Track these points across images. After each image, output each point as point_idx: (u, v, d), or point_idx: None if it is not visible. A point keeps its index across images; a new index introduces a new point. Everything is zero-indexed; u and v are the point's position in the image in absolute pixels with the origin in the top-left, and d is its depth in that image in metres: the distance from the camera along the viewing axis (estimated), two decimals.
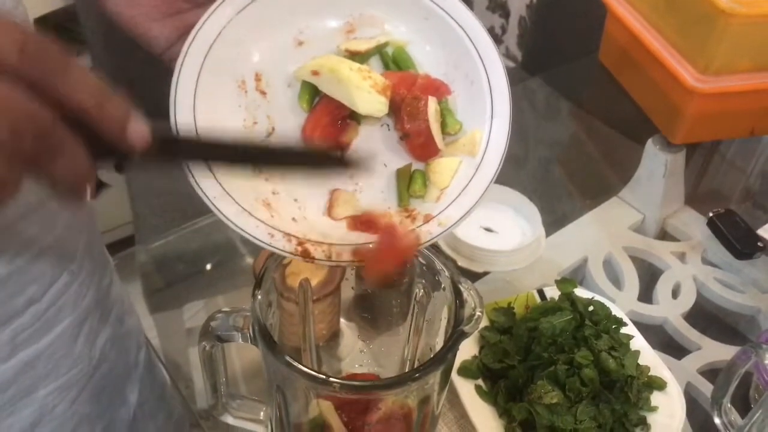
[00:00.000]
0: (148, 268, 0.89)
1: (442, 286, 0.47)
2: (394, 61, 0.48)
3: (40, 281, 0.48)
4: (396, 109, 0.46)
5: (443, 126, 0.46)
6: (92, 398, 0.55)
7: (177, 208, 1.14)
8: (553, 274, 0.79)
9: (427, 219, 0.43)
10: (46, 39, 0.30)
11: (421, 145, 0.45)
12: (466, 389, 0.62)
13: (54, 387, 0.51)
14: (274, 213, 0.42)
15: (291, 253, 0.41)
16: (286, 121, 0.46)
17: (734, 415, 0.59)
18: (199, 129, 0.42)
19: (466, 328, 0.42)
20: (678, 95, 0.81)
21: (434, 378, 0.43)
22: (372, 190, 0.46)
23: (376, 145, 0.47)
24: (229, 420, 0.50)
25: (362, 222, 0.43)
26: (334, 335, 0.63)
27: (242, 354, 0.69)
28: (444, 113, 0.46)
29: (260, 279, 0.45)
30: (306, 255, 0.41)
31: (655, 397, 0.62)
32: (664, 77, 0.82)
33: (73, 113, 0.30)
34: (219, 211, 0.41)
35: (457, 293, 0.44)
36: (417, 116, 0.45)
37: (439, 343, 0.49)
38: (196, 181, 0.41)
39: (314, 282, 0.58)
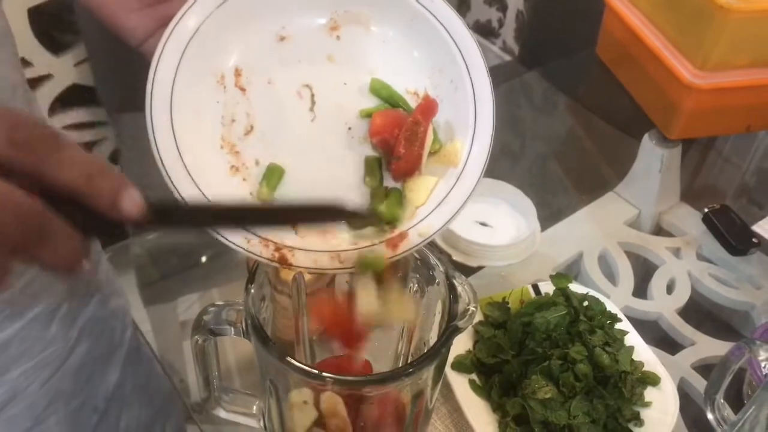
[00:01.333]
0: (142, 260, 0.89)
1: (437, 281, 0.47)
2: (377, 93, 0.47)
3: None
4: (387, 149, 0.46)
5: None
6: (68, 377, 0.55)
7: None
8: (548, 268, 0.79)
9: (402, 236, 0.43)
10: (34, 122, 0.30)
11: (406, 169, 0.45)
12: (460, 384, 0.62)
13: (27, 367, 0.51)
14: None
15: (268, 259, 0.40)
16: (265, 119, 0.45)
17: (727, 411, 0.60)
18: (175, 128, 0.42)
19: (460, 323, 0.42)
20: (675, 91, 0.81)
21: (428, 372, 0.43)
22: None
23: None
24: (222, 414, 0.50)
25: None
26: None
27: (236, 348, 0.68)
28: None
29: (253, 273, 0.44)
30: (283, 261, 0.40)
31: (649, 393, 0.62)
32: (661, 72, 0.82)
33: (63, 191, 0.31)
34: None
35: (451, 288, 0.44)
36: (414, 142, 0.44)
37: (432, 337, 0.49)
38: (173, 185, 0.40)
39: (308, 276, 0.58)
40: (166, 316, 1.12)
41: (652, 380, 0.63)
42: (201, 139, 0.43)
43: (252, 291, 0.44)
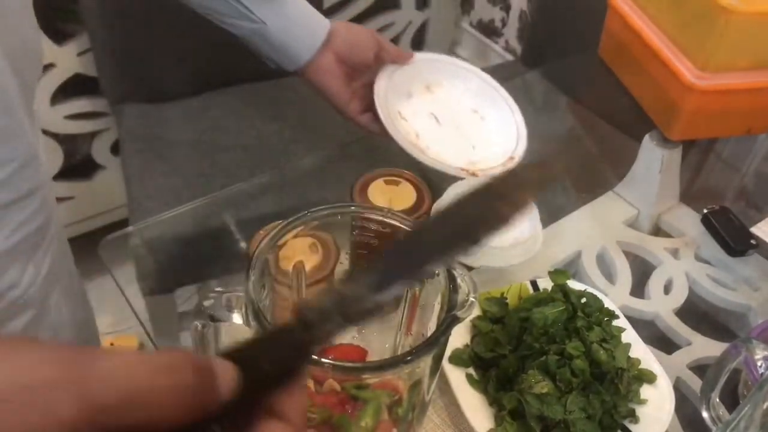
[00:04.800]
0: (141, 251, 0.89)
1: (436, 272, 0.47)
2: None
3: None
4: None
5: None
6: None
7: (172, 190, 1.14)
8: (547, 266, 0.79)
9: None
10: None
11: None
12: (457, 377, 0.62)
13: None
14: None
15: None
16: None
17: (722, 410, 0.60)
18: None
19: (459, 313, 0.42)
20: (676, 91, 0.81)
21: (426, 362, 0.43)
22: None
23: None
24: None
25: None
26: None
27: (235, 336, 0.68)
28: None
29: (253, 260, 0.45)
30: None
31: (645, 390, 0.63)
32: (662, 73, 0.82)
33: None
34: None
35: (451, 279, 0.45)
36: None
37: (431, 329, 0.49)
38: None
39: (308, 266, 0.58)
40: (165, 306, 1.12)
41: (649, 378, 0.63)
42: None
43: (252, 277, 0.44)
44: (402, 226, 0.51)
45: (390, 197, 0.70)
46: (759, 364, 0.53)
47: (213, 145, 1.18)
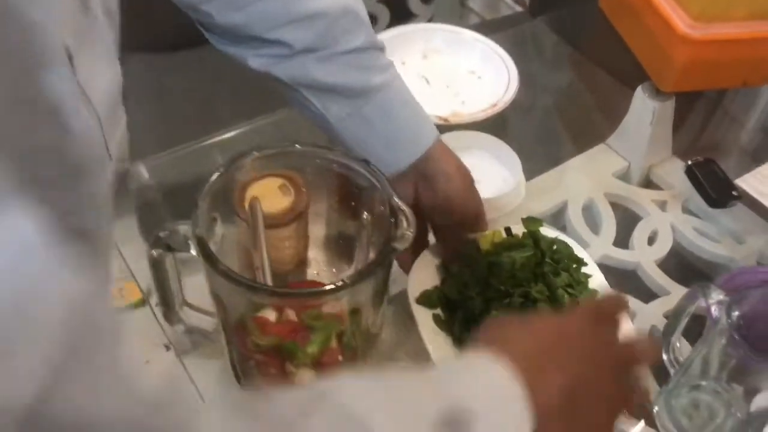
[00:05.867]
0: (140, 184, 0.89)
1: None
2: None
3: None
4: None
5: None
6: None
7: (170, 135, 1.17)
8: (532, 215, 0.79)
9: None
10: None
11: None
12: (424, 317, 0.64)
13: None
14: None
15: None
16: None
17: (680, 354, 0.61)
18: None
19: (397, 245, 0.44)
20: (670, 42, 0.80)
21: (365, 291, 0.45)
22: None
23: None
24: (181, 329, 0.53)
25: None
26: (301, 265, 0.64)
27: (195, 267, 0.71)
28: None
29: (202, 192, 0.47)
30: None
31: None
32: (657, 23, 0.81)
33: None
34: None
35: (393, 213, 0.46)
36: None
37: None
38: None
39: (277, 207, 0.59)
40: None
41: None
42: None
43: (199, 209, 0.46)
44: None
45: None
46: (713, 308, 0.54)
47: (211, 94, 1.20)
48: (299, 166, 0.58)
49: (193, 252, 0.49)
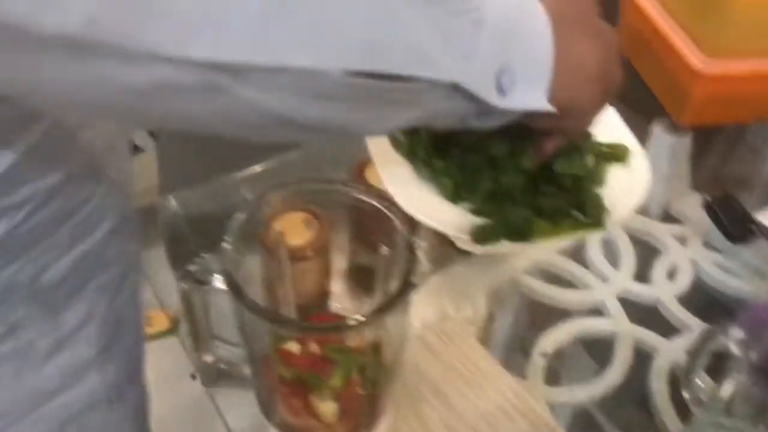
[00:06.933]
0: (170, 216, 0.90)
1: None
2: None
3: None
4: None
5: None
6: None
7: (199, 169, 1.20)
8: (546, 250, 0.80)
9: None
10: None
11: None
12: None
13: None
14: None
15: None
16: None
17: (701, 392, 0.60)
18: None
19: (414, 279, 0.45)
20: (685, 77, 0.81)
21: (383, 327, 0.46)
22: None
23: None
24: (209, 359, 0.55)
25: None
26: (324, 296, 0.66)
27: (224, 300, 0.73)
28: None
29: (230, 226, 0.48)
30: None
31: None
32: (672, 59, 0.83)
33: None
34: None
35: (411, 251, 0.48)
36: None
37: None
38: None
39: (300, 241, 0.61)
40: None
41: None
42: None
43: (228, 243, 0.48)
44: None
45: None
46: (733, 347, 0.54)
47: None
48: (321, 201, 0.60)
49: (221, 285, 0.51)
